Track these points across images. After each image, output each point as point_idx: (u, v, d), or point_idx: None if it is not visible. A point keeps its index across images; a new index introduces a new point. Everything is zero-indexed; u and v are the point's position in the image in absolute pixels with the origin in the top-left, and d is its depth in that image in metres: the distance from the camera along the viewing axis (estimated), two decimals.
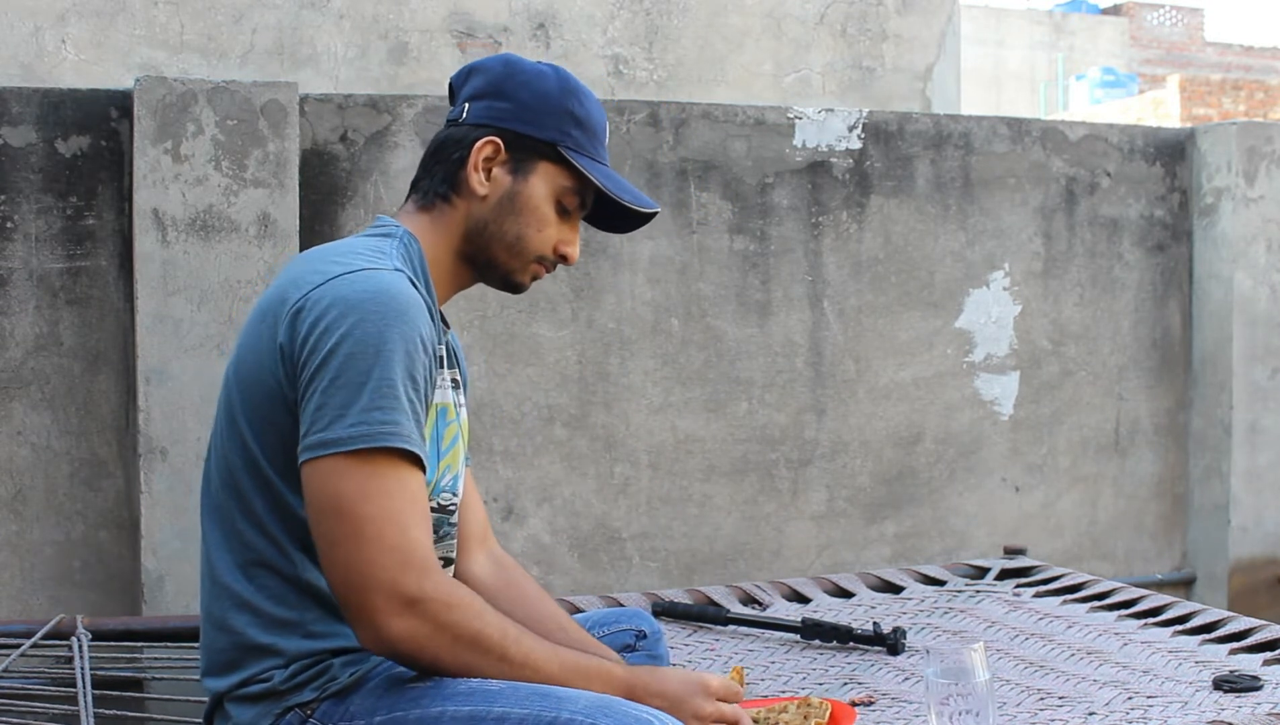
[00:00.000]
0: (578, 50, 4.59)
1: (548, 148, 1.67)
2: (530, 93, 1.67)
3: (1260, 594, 3.79)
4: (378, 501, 1.45)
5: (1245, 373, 3.78)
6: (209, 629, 1.62)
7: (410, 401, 1.49)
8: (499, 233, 1.68)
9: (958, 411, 3.57)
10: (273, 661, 1.56)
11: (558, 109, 1.68)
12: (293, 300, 1.53)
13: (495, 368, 3.11)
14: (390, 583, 1.44)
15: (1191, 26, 24.17)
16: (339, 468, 1.46)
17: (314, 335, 1.49)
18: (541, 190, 1.68)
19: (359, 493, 1.45)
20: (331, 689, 1.56)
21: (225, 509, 1.60)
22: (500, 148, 1.66)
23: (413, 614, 1.45)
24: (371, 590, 1.44)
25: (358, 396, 1.46)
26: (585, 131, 1.69)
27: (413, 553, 1.46)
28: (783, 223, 3.38)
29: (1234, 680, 2.06)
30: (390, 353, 1.47)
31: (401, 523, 1.46)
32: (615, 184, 1.71)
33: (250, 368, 1.57)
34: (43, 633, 2.38)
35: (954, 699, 1.54)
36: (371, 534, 1.45)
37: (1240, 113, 16.00)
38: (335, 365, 1.47)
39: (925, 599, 2.67)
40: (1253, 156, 3.79)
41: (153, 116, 2.73)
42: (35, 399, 2.78)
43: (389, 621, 1.45)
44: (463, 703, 1.48)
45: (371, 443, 1.45)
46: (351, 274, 1.52)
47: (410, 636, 1.46)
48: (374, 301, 1.49)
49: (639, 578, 3.23)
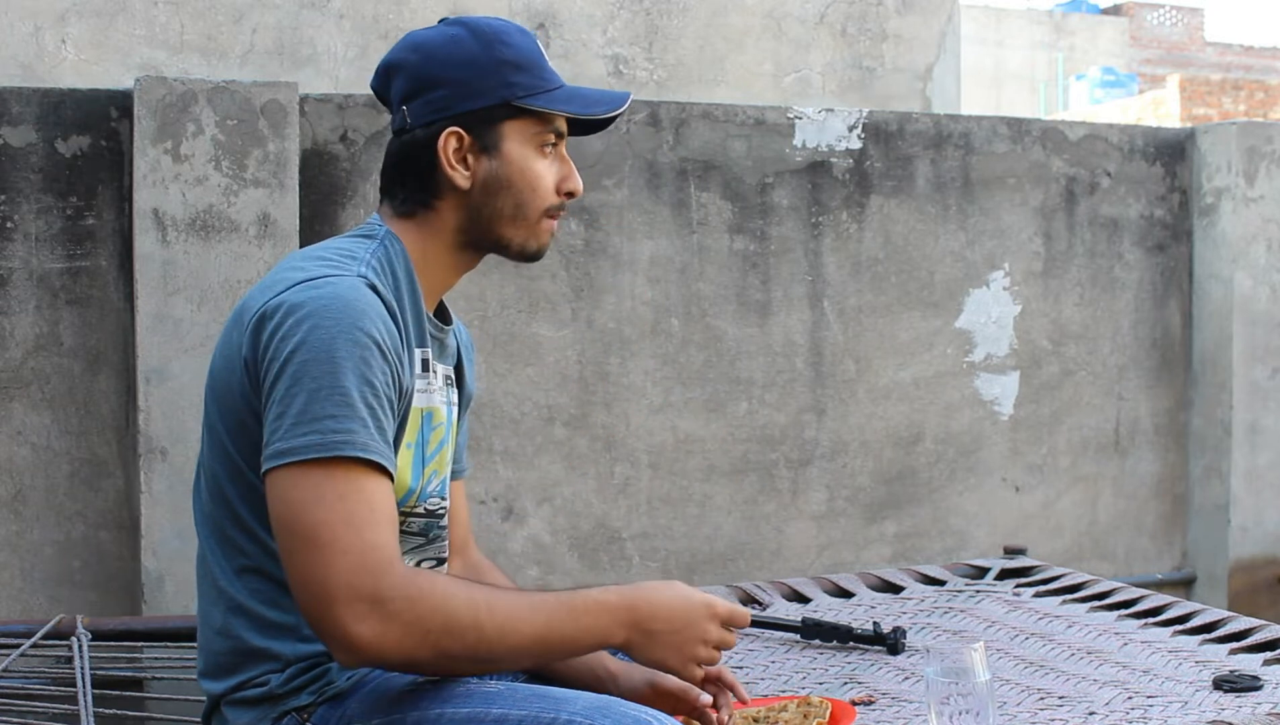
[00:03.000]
0: (578, 50, 4.59)
1: (502, 109, 1.62)
2: (458, 66, 1.62)
3: (1260, 594, 3.79)
4: (330, 507, 1.42)
5: (1245, 373, 3.78)
6: (205, 631, 1.62)
7: (369, 407, 1.46)
8: (497, 212, 1.65)
9: (958, 411, 3.58)
10: (269, 665, 1.56)
11: (491, 65, 1.62)
12: (253, 309, 1.52)
13: (495, 368, 3.11)
14: (348, 588, 1.40)
15: (1191, 26, 24.18)
16: (292, 478, 1.43)
17: (271, 344, 1.48)
18: (518, 151, 1.64)
19: (311, 500, 1.42)
20: (329, 693, 1.56)
21: (215, 515, 1.59)
22: (462, 134, 1.62)
23: (376, 616, 1.41)
24: (331, 600, 1.41)
25: (310, 405, 1.43)
26: (525, 69, 1.63)
27: (368, 554, 1.42)
28: (783, 223, 3.38)
29: (1234, 680, 2.06)
30: (342, 360, 1.45)
31: (356, 525, 1.42)
32: (579, 102, 1.66)
33: (222, 378, 1.57)
34: (43, 633, 2.38)
35: (954, 698, 1.54)
36: (325, 540, 1.41)
37: (1240, 113, 16.00)
38: (290, 374, 1.45)
39: (925, 599, 2.67)
40: (1253, 156, 3.79)
41: (153, 116, 2.73)
42: (35, 399, 2.78)
43: (353, 629, 1.40)
44: (460, 704, 1.47)
45: (324, 452, 1.43)
46: (309, 281, 1.51)
47: (378, 640, 1.41)
48: (326, 309, 1.47)
49: (639, 578, 3.23)
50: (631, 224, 3.23)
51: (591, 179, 3.18)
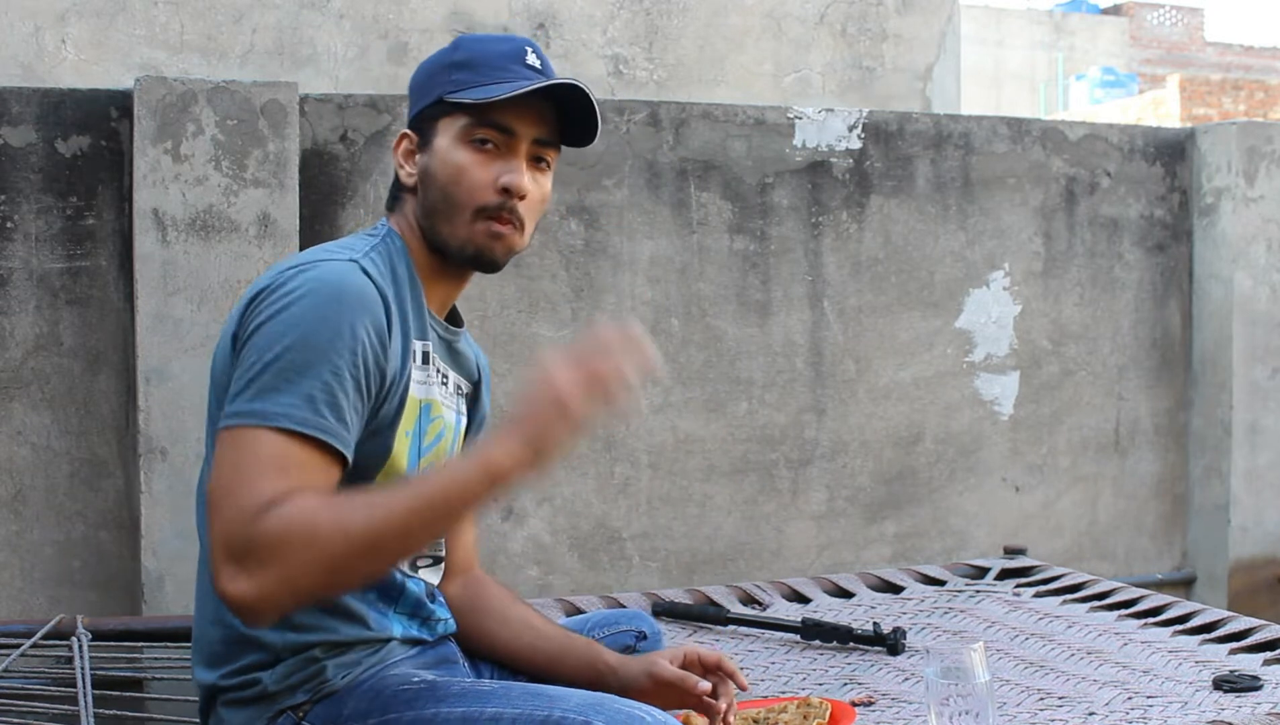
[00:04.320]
0: (578, 50, 4.59)
1: (437, 106, 1.66)
2: (419, 75, 1.71)
3: (1260, 594, 3.79)
4: (230, 467, 1.41)
5: (1245, 373, 3.78)
6: (200, 622, 1.63)
7: (328, 384, 1.44)
8: (432, 207, 1.65)
9: (958, 411, 3.57)
10: (259, 655, 1.56)
11: (437, 71, 1.68)
12: (246, 298, 1.56)
13: (495, 368, 3.11)
14: (221, 542, 1.38)
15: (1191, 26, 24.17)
16: (220, 443, 1.44)
17: (253, 319, 1.51)
18: (445, 144, 1.65)
19: (222, 464, 1.42)
20: (324, 690, 1.56)
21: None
22: (411, 135, 1.70)
23: (244, 568, 1.36)
24: (215, 568, 1.38)
25: (261, 375, 1.45)
26: (470, 68, 1.64)
27: (247, 504, 1.37)
28: (783, 223, 3.38)
29: (1234, 680, 2.06)
30: (308, 333, 1.46)
31: (246, 480, 1.39)
32: (494, 91, 1.61)
33: (219, 368, 1.59)
34: (43, 633, 2.38)
35: (954, 699, 1.54)
36: (215, 500, 1.41)
37: (1240, 113, 16.00)
38: (255, 343, 1.48)
39: (925, 599, 2.67)
40: (1253, 156, 3.79)
41: (153, 116, 2.73)
42: (35, 399, 2.77)
43: (225, 587, 1.37)
44: (455, 704, 1.48)
45: (252, 420, 1.42)
46: (302, 265, 1.55)
47: (251, 593, 1.36)
48: (307, 286, 1.49)
49: (639, 578, 3.23)
50: (631, 224, 3.23)
51: (591, 179, 3.18)
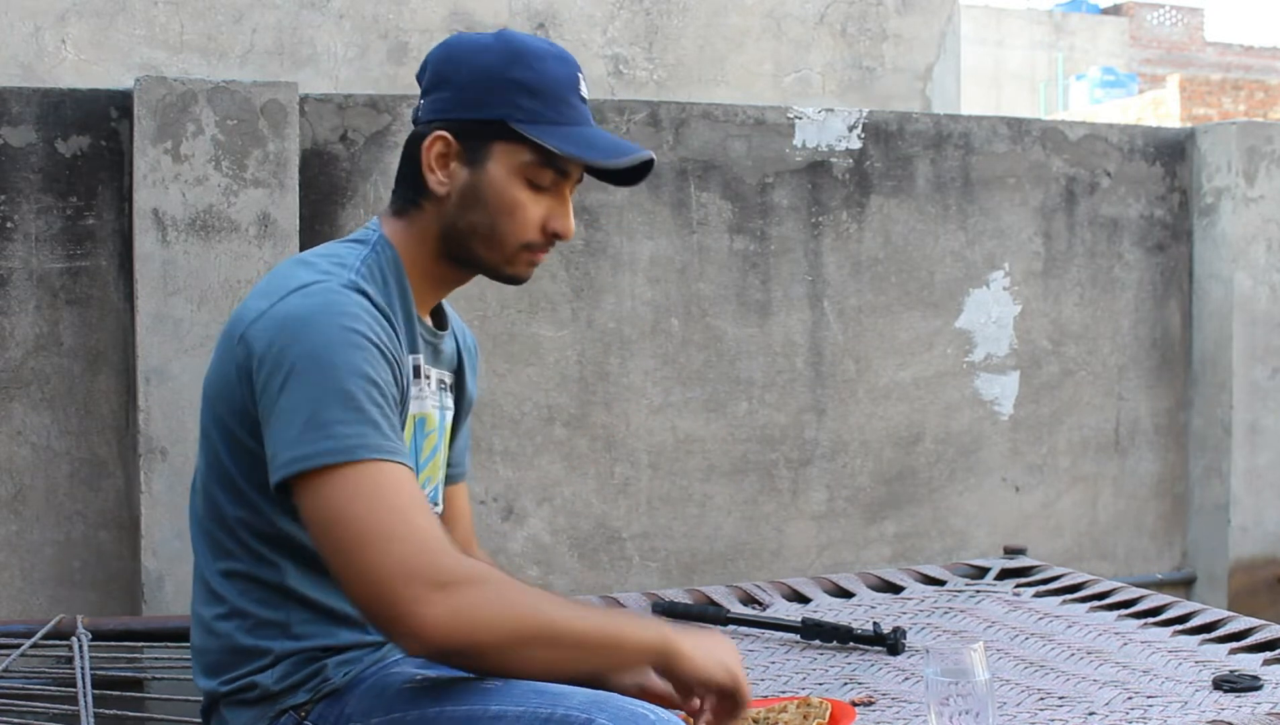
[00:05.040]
0: (578, 50, 4.59)
1: (498, 126, 1.57)
2: (469, 72, 1.58)
3: (1260, 594, 3.79)
4: (370, 501, 1.41)
5: (1245, 373, 3.78)
6: (198, 630, 1.63)
7: (377, 407, 1.46)
8: (470, 229, 1.61)
9: (958, 411, 3.57)
10: (260, 662, 1.56)
11: (501, 82, 1.57)
12: (247, 321, 1.52)
13: (495, 368, 3.11)
14: (409, 573, 1.39)
15: (1191, 26, 24.18)
16: (320, 483, 1.42)
17: (269, 356, 1.47)
18: (501, 174, 1.58)
19: (349, 498, 1.41)
20: (325, 689, 1.56)
21: (206, 520, 1.60)
22: (450, 140, 1.59)
23: (446, 597, 1.39)
24: (396, 585, 1.39)
25: (319, 411, 1.42)
26: (538, 96, 1.57)
27: (426, 538, 1.41)
28: (783, 223, 3.38)
29: (1234, 680, 2.06)
30: (343, 364, 1.44)
31: (401, 512, 1.41)
32: (581, 144, 1.59)
33: (218, 387, 1.56)
34: (43, 633, 2.38)
35: (954, 699, 1.54)
36: (375, 532, 1.40)
37: (1240, 113, 16.00)
38: (292, 382, 1.44)
39: (925, 599, 2.67)
40: (1253, 156, 3.79)
41: (153, 116, 2.73)
42: (35, 399, 2.78)
43: (424, 611, 1.38)
44: (459, 701, 1.47)
45: (341, 457, 1.42)
46: (300, 290, 1.50)
47: (449, 620, 1.39)
48: (319, 316, 1.46)
49: (639, 578, 3.23)
50: (631, 224, 3.23)
51: (592, 179, 3.18)
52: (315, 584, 1.56)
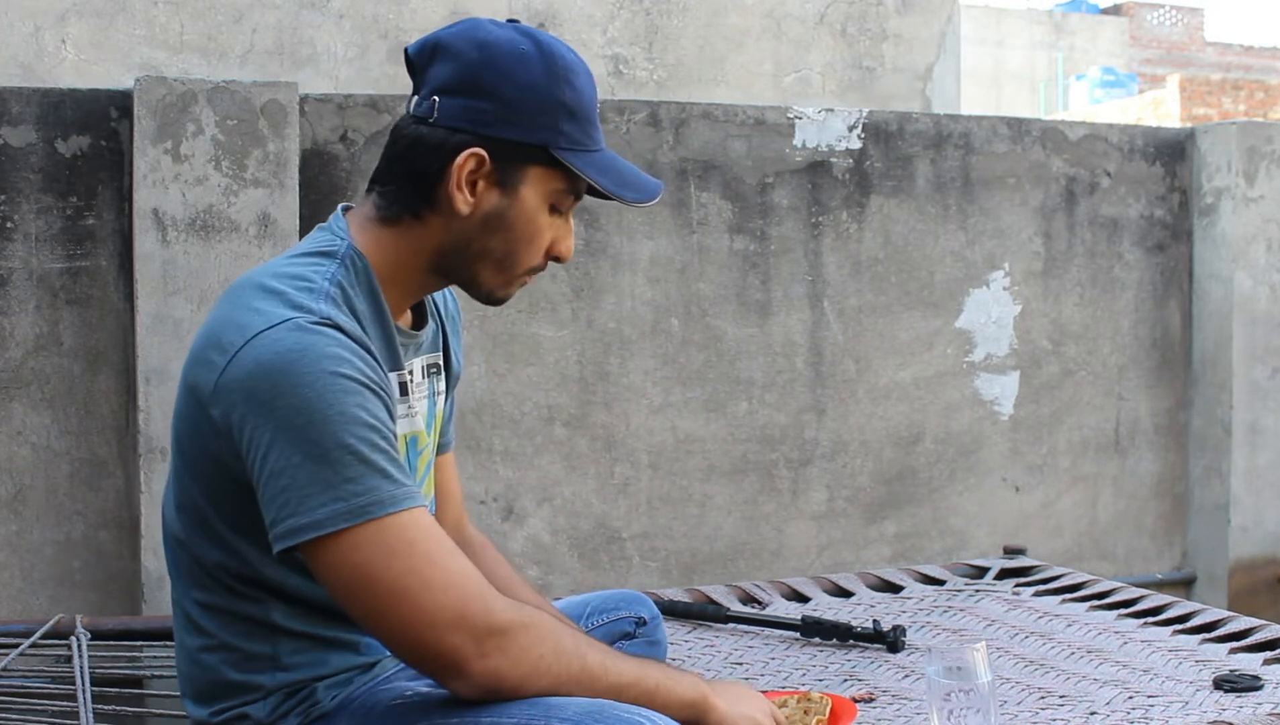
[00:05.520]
0: (578, 50, 4.58)
1: (538, 151, 1.46)
2: (515, 88, 1.45)
3: (1260, 594, 3.79)
4: (403, 555, 1.35)
5: (1245, 373, 3.77)
6: (184, 656, 1.55)
7: (382, 452, 1.37)
8: (485, 251, 1.50)
9: (958, 411, 3.57)
10: (252, 696, 1.51)
11: (548, 103, 1.46)
12: (218, 367, 1.39)
13: (495, 368, 3.11)
14: (463, 621, 1.36)
15: (1191, 26, 24.17)
16: (340, 544, 1.34)
17: (250, 414, 1.35)
18: (533, 200, 1.48)
19: (378, 556, 1.35)
20: (315, 714, 1.51)
21: (182, 556, 1.52)
22: (485, 160, 1.45)
23: (502, 645, 1.38)
24: (448, 636, 1.36)
25: (321, 471, 1.34)
26: (577, 120, 1.48)
27: (466, 583, 1.38)
28: (783, 223, 3.37)
29: (1234, 680, 2.06)
30: (336, 416, 1.34)
31: (438, 562, 1.37)
32: (615, 177, 1.50)
33: (189, 437, 1.45)
34: (42, 632, 2.38)
35: (956, 697, 1.54)
36: (416, 585, 1.35)
37: (1240, 113, 16.00)
38: (284, 444, 1.34)
39: (925, 598, 2.67)
40: (1253, 156, 3.79)
41: (153, 116, 2.73)
42: (35, 399, 2.77)
43: (480, 662, 1.37)
44: (449, 716, 1.44)
45: (355, 519, 1.34)
46: (269, 331, 1.36)
47: (504, 669, 1.38)
48: (299, 364, 1.34)
49: (639, 578, 3.23)
50: (631, 224, 3.22)
51: None
52: (301, 618, 1.50)
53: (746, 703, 1.57)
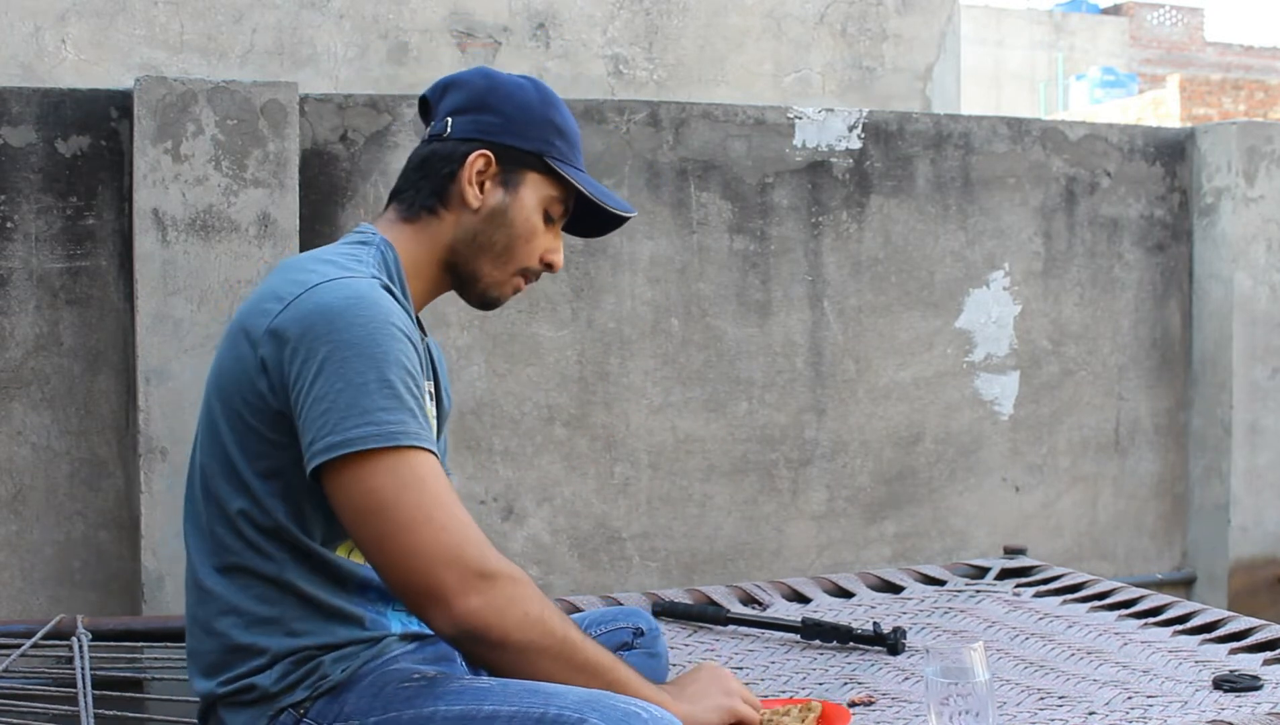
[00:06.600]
0: (578, 50, 4.59)
1: (534, 159, 1.72)
2: (514, 105, 1.72)
3: (1260, 594, 3.79)
4: (416, 489, 1.47)
5: (1245, 373, 3.78)
6: (194, 632, 1.64)
7: (415, 398, 1.51)
8: (488, 243, 1.71)
9: (958, 411, 3.57)
10: (258, 661, 1.57)
11: (541, 120, 1.72)
12: (273, 312, 1.54)
13: (495, 368, 3.11)
14: (457, 559, 1.46)
15: (1191, 26, 24.18)
16: (362, 467, 1.46)
17: (302, 345, 1.50)
18: (531, 201, 1.72)
19: (395, 485, 1.46)
20: (323, 687, 1.57)
21: (203, 514, 1.61)
22: (492, 161, 1.70)
23: (487, 588, 1.46)
24: (440, 569, 1.45)
25: (359, 398, 1.47)
26: (566, 141, 1.74)
27: (468, 527, 1.48)
28: (783, 223, 3.38)
29: (1234, 680, 2.06)
30: (382, 355, 1.49)
31: (445, 505, 1.47)
32: (599, 190, 1.76)
33: (231, 379, 1.58)
34: (43, 633, 2.38)
35: (954, 699, 1.54)
36: (422, 519, 1.46)
37: (1240, 113, 16.00)
38: (331, 371, 1.48)
39: (925, 599, 2.67)
40: (1253, 156, 3.79)
41: (153, 116, 2.73)
42: (35, 399, 2.77)
43: (464, 598, 1.45)
44: (454, 701, 1.50)
45: (385, 442, 1.46)
46: (329, 282, 1.54)
47: (488, 609, 1.46)
48: (356, 307, 1.51)
49: (639, 578, 3.23)
50: (631, 224, 3.22)
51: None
52: (312, 580, 1.58)
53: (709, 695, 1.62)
